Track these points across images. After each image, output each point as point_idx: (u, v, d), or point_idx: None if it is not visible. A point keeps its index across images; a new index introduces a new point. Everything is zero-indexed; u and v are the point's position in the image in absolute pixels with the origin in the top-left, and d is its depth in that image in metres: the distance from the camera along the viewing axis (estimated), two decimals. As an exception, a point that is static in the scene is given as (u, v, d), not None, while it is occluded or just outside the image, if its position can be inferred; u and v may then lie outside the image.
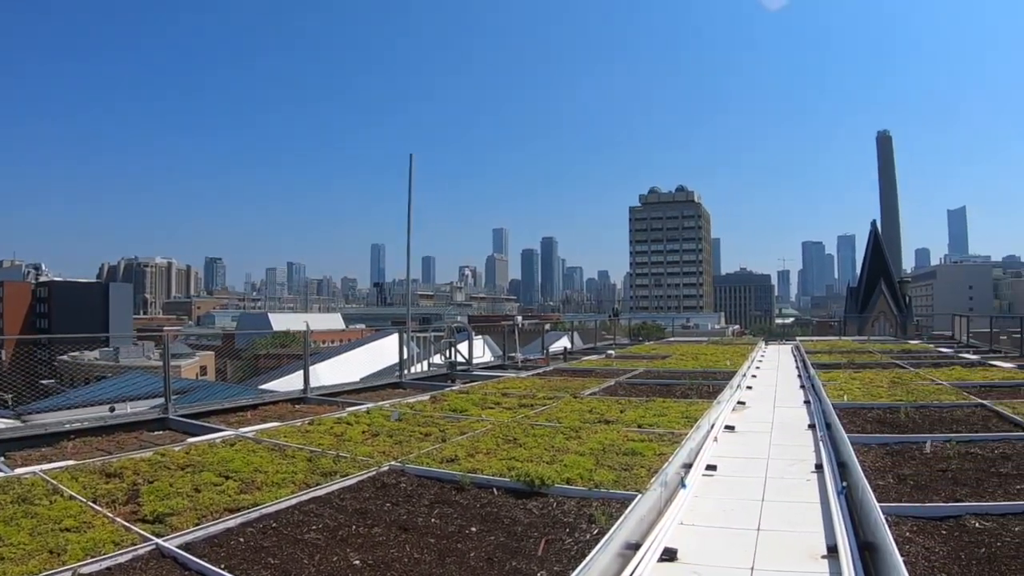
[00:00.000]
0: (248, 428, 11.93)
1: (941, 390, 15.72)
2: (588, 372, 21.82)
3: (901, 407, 13.00)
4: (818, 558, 6.53)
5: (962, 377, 18.28)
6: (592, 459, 8.93)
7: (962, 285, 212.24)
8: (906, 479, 8.20)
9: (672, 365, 24.01)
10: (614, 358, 28.04)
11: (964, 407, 13.34)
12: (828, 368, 21.52)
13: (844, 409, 13.05)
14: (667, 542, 6.78)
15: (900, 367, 21.64)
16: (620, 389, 17.30)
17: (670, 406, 13.61)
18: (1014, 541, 6.07)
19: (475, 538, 6.36)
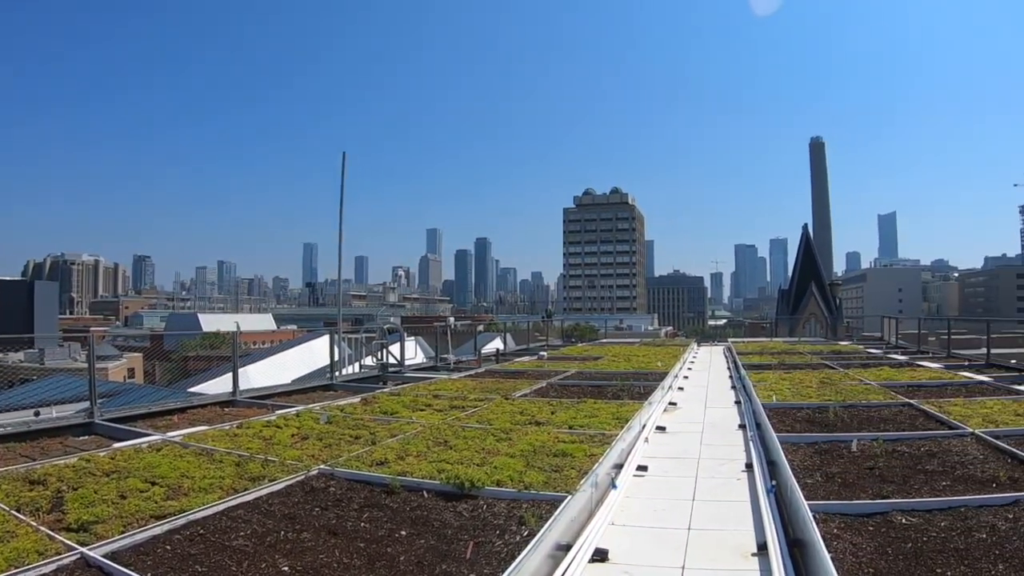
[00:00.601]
0: (176, 432, 11.77)
1: (869, 390, 16.24)
2: (520, 374, 21.93)
3: (830, 407, 13.45)
4: (748, 556, 6.73)
5: (890, 377, 18.93)
6: (523, 461, 9.04)
7: (892, 288, 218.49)
8: (834, 477, 8.51)
9: (604, 366, 24.28)
10: (546, 359, 28.27)
11: (892, 406, 13.88)
12: (759, 369, 22.01)
13: (774, 409, 13.45)
14: (598, 543, 6.90)
15: (830, 368, 22.28)
16: (552, 390, 17.47)
17: (601, 407, 13.81)
18: (939, 536, 6.38)
19: (405, 542, 6.41)
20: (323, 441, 10.74)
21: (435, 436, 10.90)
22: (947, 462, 9.15)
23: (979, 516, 6.85)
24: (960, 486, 8.02)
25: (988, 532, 6.43)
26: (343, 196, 26.50)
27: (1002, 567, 5.64)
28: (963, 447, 10.03)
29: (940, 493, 7.69)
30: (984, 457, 9.40)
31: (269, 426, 11.98)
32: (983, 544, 6.15)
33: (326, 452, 9.93)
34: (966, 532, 6.44)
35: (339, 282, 31.75)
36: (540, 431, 11.24)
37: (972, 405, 13.37)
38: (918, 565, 5.72)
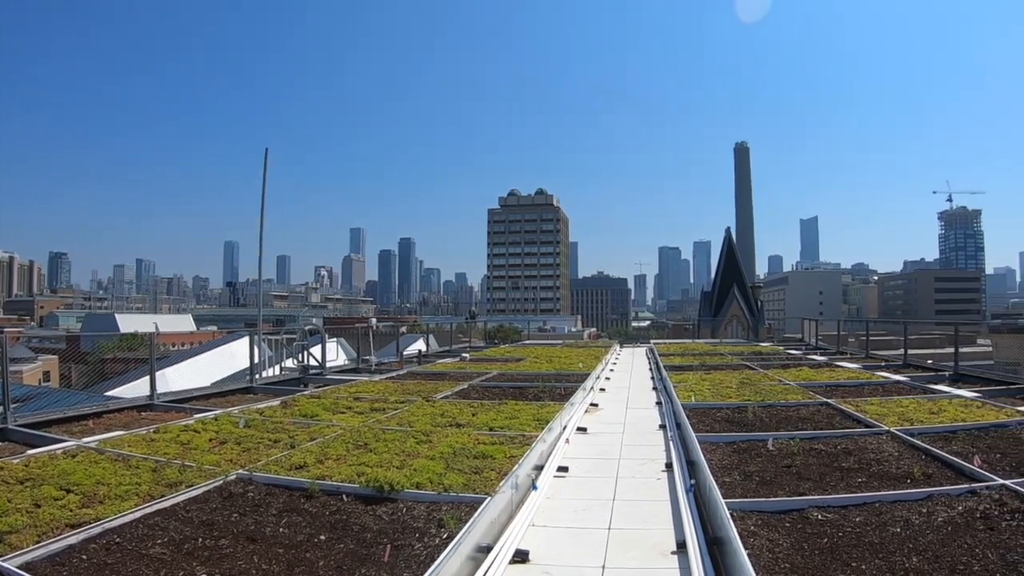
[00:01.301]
0: (91, 438, 11.47)
1: (788, 390, 16.76)
2: (442, 375, 21.95)
3: (748, 407, 13.87)
4: (668, 554, 6.90)
5: (809, 378, 19.52)
6: (442, 463, 9.09)
7: (813, 290, 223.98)
8: (752, 475, 8.76)
9: (526, 368, 24.42)
10: (468, 361, 28.32)
11: (810, 406, 14.34)
12: (680, 370, 22.42)
13: (694, 409, 13.74)
14: (519, 544, 6.99)
15: (750, 368, 22.85)
16: (473, 392, 17.55)
17: (522, 409, 13.95)
18: (854, 531, 6.65)
19: (324, 547, 6.40)
20: (241, 445, 10.61)
21: (355, 439, 10.85)
22: (863, 459, 9.51)
23: (894, 511, 7.16)
24: (876, 482, 8.36)
25: (902, 526, 6.72)
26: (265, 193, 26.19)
27: (916, 560, 5.90)
28: (879, 445, 10.42)
29: (856, 489, 7.99)
30: (899, 454, 9.80)
31: (187, 430, 11.78)
32: (897, 538, 6.43)
33: (244, 457, 9.82)
34: (881, 527, 6.71)
35: (259, 282, 31.32)
36: (461, 433, 11.30)
37: (888, 404, 13.92)
38: (834, 560, 5.94)
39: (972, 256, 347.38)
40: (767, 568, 5.75)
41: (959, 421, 12.07)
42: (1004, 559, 5.88)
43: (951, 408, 13.35)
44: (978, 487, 7.93)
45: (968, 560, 5.88)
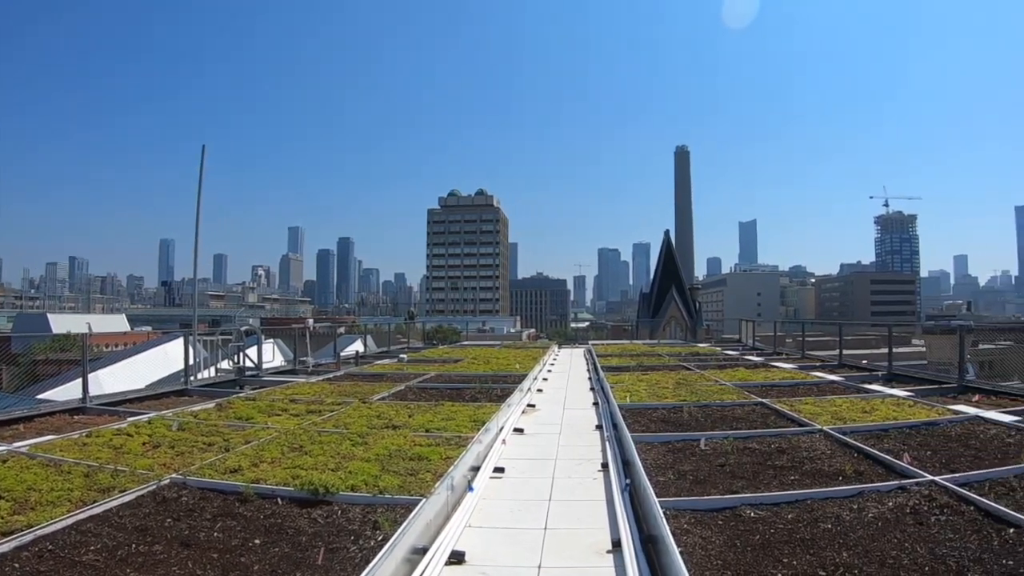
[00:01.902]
0: (22, 443, 11.18)
1: (724, 390, 17.07)
2: (379, 377, 21.89)
3: (684, 407, 14.15)
4: (603, 553, 6.97)
5: (745, 378, 19.93)
6: (378, 465, 9.08)
7: (751, 292, 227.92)
8: (686, 474, 8.92)
9: (464, 369, 24.47)
10: (406, 362, 28.27)
11: (745, 405, 14.66)
12: (617, 371, 22.70)
13: (630, 410, 13.92)
14: (455, 545, 7.01)
15: (687, 369, 23.21)
16: (410, 393, 17.55)
17: (459, 410, 14.03)
18: (786, 528, 6.81)
19: (259, 551, 6.37)
20: (175, 449, 10.45)
21: (290, 442, 10.78)
22: (796, 458, 9.75)
23: (825, 508, 7.36)
24: (808, 480, 8.58)
25: (833, 523, 6.90)
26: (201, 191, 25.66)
27: (846, 555, 6.06)
28: (812, 443, 10.69)
29: (789, 487, 8.19)
30: (832, 452, 10.07)
31: (120, 434, 11.56)
32: (828, 534, 6.60)
33: (178, 460, 9.68)
34: (812, 523, 6.88)
35: (195, 281, 30.59)
36: (397, 435, 11.28)
37: (822, 403, 14.29)
38: (765, 556, 6.08)
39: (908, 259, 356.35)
40: (700, 565, 5.85)
41: (891, 420, 12.45)
42: (933, 553, 6.06)
43: (884, 407, 13.75)
44: (908, 483, 8.17)
45: (897, 554, 6.05)
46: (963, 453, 10.12)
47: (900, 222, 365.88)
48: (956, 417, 12.88)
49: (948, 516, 7.08)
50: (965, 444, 10.73)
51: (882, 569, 5.76)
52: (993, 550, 6.15)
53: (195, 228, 25.40)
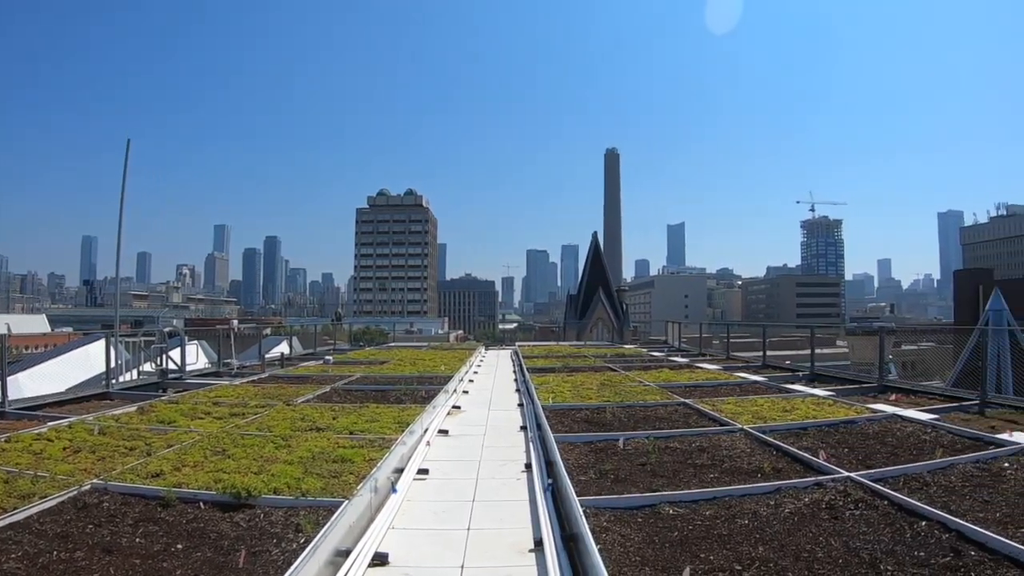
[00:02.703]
0: None
1: (648, 391, 17.37)
2: (304, 379, 21.70)
3: (607, 407, 14.37)
4: (526, 552, 7.07)
5: (669, 379, 20.27)
6: (301, 467, 9.06)
7: (678, 294, 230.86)
8: (607, 474, 9.08)
9: (389, 371, 24.39)
10: (332, 364, 28.04)
11: (668, 406, 14.96)
12: (543, 372, 22.85)
13: (554, 410, 14.10)
14: (378, 547, 7.06)
15: (612, 370, 23.51)
16: (335, 395, 17.47)
17: (383, 412, 14.02)
18: (704, 524, 7.01)
19: (181, 555, 6.32)
20: (96, 454, 10.25)
21: (213, 445, 10.66)
22: (716, 456, 9.99)
23: (743, 504, 7.59)
24: (727, 478, 8.81)
25: (750, 518, 7.12)
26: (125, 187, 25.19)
27: (762, 549, 6.26)
28: (732, 442, 10.97)
29: (708, 485, 8.41)
30: (751, 451, 10.35)
31: (40, 439, 11.30)
32: (745, 529, 6.81)
33: (99, 465, 9.50)
34: (730, 519, 7.09)
35: (117, 281, 30.00)
36: (320, 437, 11.24)
37: (744, 403, 14.67)
38: (683, 551, 6.25)
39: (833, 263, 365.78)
40: (618, 562, 5.98)
41: (810, 418, 12.83)
42: (847, 546, 6.29)
43: (804, 406, 14.16)
44: (824, 480, 8.44)
45: (812, 548, 6.27)
46: (879, 450, 10.49)
47: (826, 226, 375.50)
48: (874, 416, 13.31)
49: (863, 510, 7.35)
50: (882, 441, 11.12)
51: (796, 562, 5.96)
52: (905, 542, 6.41)
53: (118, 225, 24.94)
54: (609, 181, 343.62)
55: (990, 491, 8.12)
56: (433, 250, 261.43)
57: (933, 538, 6.51)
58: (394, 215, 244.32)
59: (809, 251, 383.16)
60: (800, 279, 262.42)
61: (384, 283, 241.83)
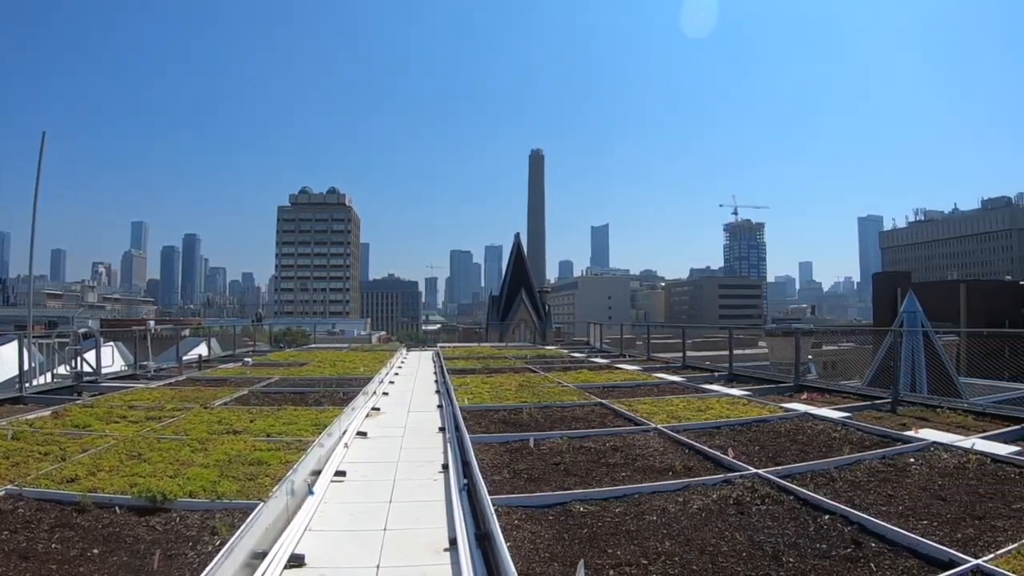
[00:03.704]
0: None
1: (566, 391, 17.66)
2: (223, 381, 21.45)
3: (524, 408, 14.57)
4: (440, 551, 7.20)
5: (587, 379, 20.64)
6: (217, 471, 9.06)
7: (602, 295, 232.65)
8: (521, 473, 9.33)
9: (309, 372, 24.25)
10: (251, 366, 27.76)
11: (584, 406, 15.27)
12: (463, 373, 22.99)
13: (472, 411, 14.29)
14: (295, 549, 7.11)
15: (532, 371, 23.79)
16: (253, 398, 17.31)
17: (301, 414, 14.01)
18: (613, 520, 7.26)
19: (98, 560, 6.30)
20: (10, 459, 10.05)
21: (129, 449, 10.55)
22: (629, 455, 10.28)
23: (652, 501, 7.87)
24: (639, 476, 9.09)
25: (659, 514, 7.40)
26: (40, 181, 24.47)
27: (668, 544, 6.52)
28: (646, 441, 11.30)
29: (619, 483, 8.68)
30: (664, 450, 10.67)
31: None
32: (653, 525, 7.07)
33: (13, 471, 9.34)
34: (639, 516, 7.36)
35: (31, 279, 29.08)
36: (237, 440, 11.21)
37: (660, 403, 15.06)
38: (591, 547, 6.47)
39: (755, 265, 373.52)
40: (527, 558, 6.17)
41: (724, 418, 13.26)
42: (751, 540, 6.57)
43: (718, 406, 14.59)
44: (733, 477, 8.79)
45: (717, 542, 6.54)
46: (790, 447, 10.91)
47: (748, 229, 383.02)
48: (787, 414, 13.82)
49: (769, 506, 7.68)
50: (793, 439, 11.55)
51: (701, 556, 6.21)
52: (808, 535, 6.73)
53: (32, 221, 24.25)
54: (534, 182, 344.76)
55: (894, 485, 8.55)
56: (356, 250, 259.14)
57: (835, 531, 6.84)
58: (316, 214, 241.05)
59: (732, 253, 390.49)
60: (723, 281, 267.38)
61: (306, 283, 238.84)
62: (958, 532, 6.77)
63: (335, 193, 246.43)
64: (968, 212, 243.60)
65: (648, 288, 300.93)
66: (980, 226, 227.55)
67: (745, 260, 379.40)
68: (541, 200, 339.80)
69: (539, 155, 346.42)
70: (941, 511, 7.45)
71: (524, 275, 67.88)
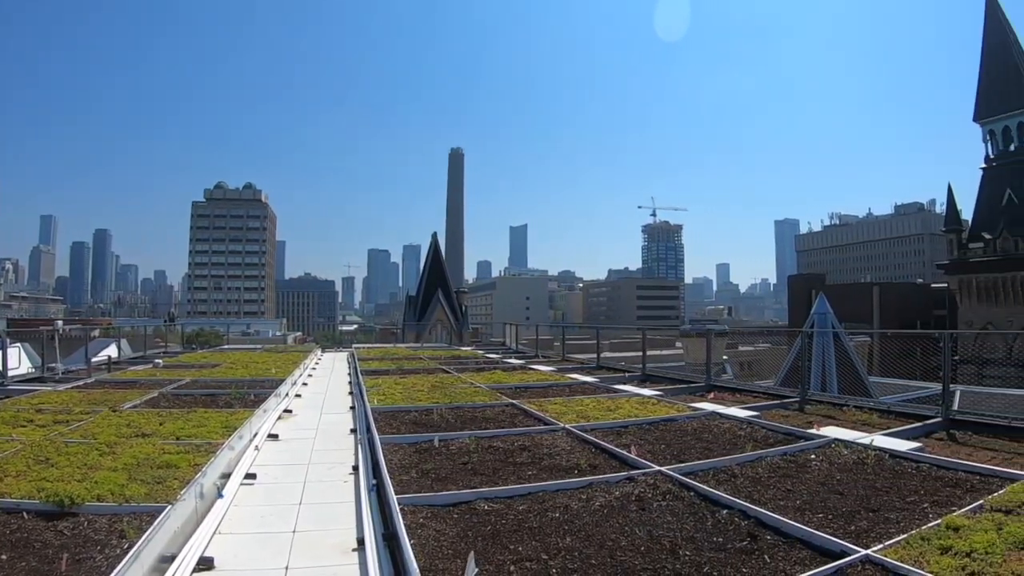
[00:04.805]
0: None
1: (478, 392, 17.92)
2: (133, 383, 21.07)
3: (435, 409, 14.77)
4: (349, 552, 7.36)
5: (500, 380, 20.89)
6: (125, 474, 9.00)
7: (520, 296, 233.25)
8: (428, 473, 9.52)
9: (221, 374, 23.98)
10: (162, 367, 27.30)
11: (496, 406, 15.53)
12: (377, 374, 23.06)
13: (384, 413, 14.44)
14: (203, 552, 7.15)
15: (445, 372, 24.01)
16: (164, 400, 17.11)
17: (212, 416, 13.90)
18: (517, 518, 7.50)
19: (6, 566, 6.27)
20: None
21: (36, 454, 10.38)
22: (537, 454, 10.55)
23: (555, 499, 8.12)
24: (544, 474, 9.34)
25: (562, 512, 7.64)
26: None
27: (569, 540, 6.76)
28: (554, 441, 11.58)
29: (525, 481, 8.92)
30: (571, 448, 10.95)
31: None
32: (555, 522, 7.31)
33: None
34: (542, 513, 7.59)
35: None
36: (146, 443, 11.10)
37: (571, 403, 15.38)
38: (495, 544, 6.69)
39: (673, 267, 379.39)
40: (431, 556, 6.36)
41: (632, 417, 13.62)
42: (650, 535, 6.85)
43: (627, 406, 14.97)
44: (636, 474, 9.13)
45: (617, 537, 6.81)
46: (695, 445, 11.31)
47: (666, 231, 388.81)
48: (694, 413, 14.26)
49: (669, 501, 7.99)
50: (699, 437, 11.96)
51: (601, 551, 6.45)
52: (706, 529, 7.04)
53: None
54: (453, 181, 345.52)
55: (794, 481, 8.95)
56: (272, 248, 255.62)
57: (732, 525, 7.16)
58: (231, 210, 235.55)
59: (650, 255, 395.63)
60: (640, 282, 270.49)
61: (220, 282, 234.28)
62: (852, 524, 7.14)
63: (251, 189, 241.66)
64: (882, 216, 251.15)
65: (566, 289, 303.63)
66: (893, 230, 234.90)
67: (663, 262, 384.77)
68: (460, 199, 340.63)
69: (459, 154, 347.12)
70: (837, 505, 7.84)
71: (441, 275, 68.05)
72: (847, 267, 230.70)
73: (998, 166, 72.20)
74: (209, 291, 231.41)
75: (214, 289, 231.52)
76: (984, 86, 74.91)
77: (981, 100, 74.76)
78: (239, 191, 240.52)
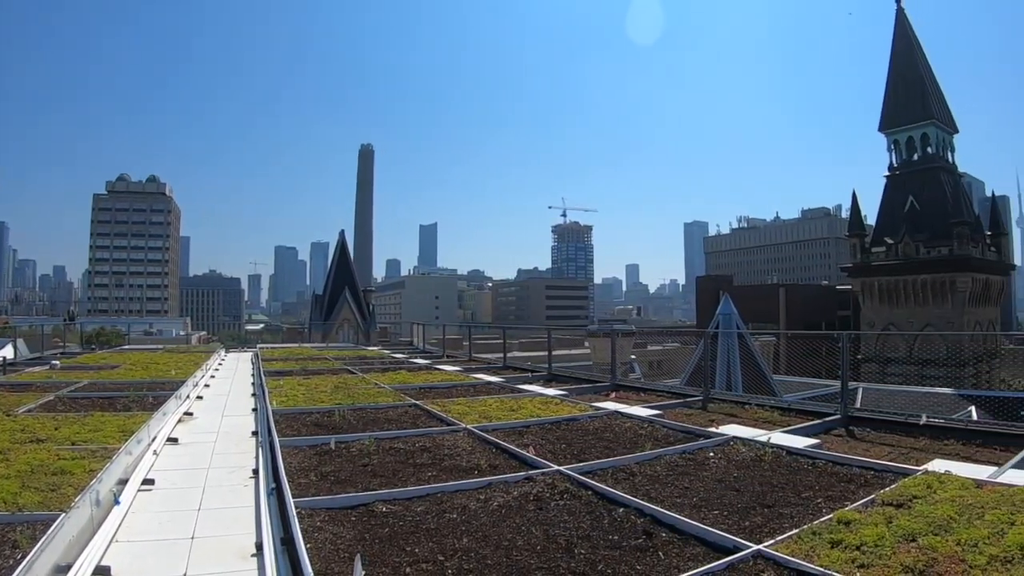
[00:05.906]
0: None
1: (382, 393, 17.90)
2: (28, 386, 20.46)
3: (337, 410, 14.73)
4: (248, 557, 7.34)
5: (405, 380, 20.98)
6: (18, 481, 8.75)
7: (429, 295, 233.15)
8: (328, 475, 9.53)
9: (120, 376, 23.44)
10: (59, 369, 26.54)
11: (399, 407, 15.58)
12: (280, 375, 22.93)
13: (286, 415, 14.36)
14: (100, 560, 7.03)
15: (350, 372, 23.97)
16: (60, 404, 16.61)
17: (108, 420, 13.56)
18: (415, 519, 7.55)
19: None
20: None
21: (-75, 463, 10.03)
22: (437, 455, 10.63)
23: (454, 499, 8.22)
24: (444, 475, 9.43)
25: (460, 512, 7.74)
26: None
27: (466, 540, 6.85)
28: (455, 441, 11.69)
29: (424, 482, 8.99)
30: (472, 449, 11.08)
31: None
32: (453, 523, 7.40)
33: None
34: (440, 514, 7.67)
35: None
36: (40, 449, 10.80)
37: (474, 404, 15.50)
38: (392, 546, 6.73)
39: (583, 267, 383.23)
40: (327, 559, 6.37)
41: (534, 417, 13.82)
42: (547, 534, 6.98)
43: (530, 405, 15.19)
44: (535, 474, 9.26)
45: (513, 537, 6.92)
46: (595, 444, 11.51)
47: (576, 232, 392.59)
48: (596, 412, 14.52)
49: (567, 500, 8.14)
50: (599, 437, 12.18)
51: (497, 551, 6.56)
52: (603, 527, 7.20)
53: None
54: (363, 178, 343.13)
55: (691, 479, 9.20)
56: (175, 244, 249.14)
57: (628, 523, 7.33)
58: (134, 204, 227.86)
59: (560, 255, 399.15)
60: (550, 282, 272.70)
61: (121, 279, 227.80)
62: (747, 520, 7.37)
63: (155, 182, 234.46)
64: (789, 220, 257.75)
65: (476, 289, 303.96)
66: (800, 234, 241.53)
67: (573, 262, 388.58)
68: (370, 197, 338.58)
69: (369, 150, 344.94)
70: (733, 501, 8.09)
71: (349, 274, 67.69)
72: (755, 269, 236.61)
73: (901, 174, 74.43)
74: (110, 288, 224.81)
75: (115, 286, 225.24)
76: (890, 97, 77.09)
77: (887, 111, 76.94)
78: (142, 184, 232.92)
